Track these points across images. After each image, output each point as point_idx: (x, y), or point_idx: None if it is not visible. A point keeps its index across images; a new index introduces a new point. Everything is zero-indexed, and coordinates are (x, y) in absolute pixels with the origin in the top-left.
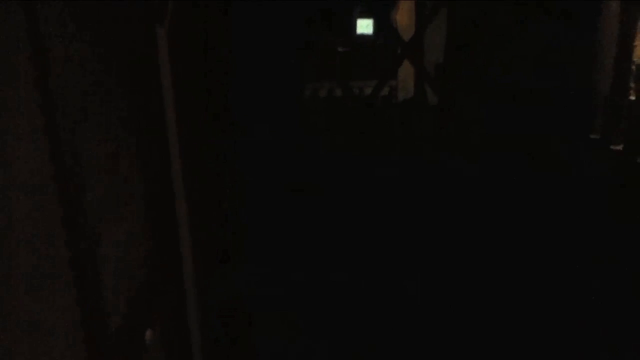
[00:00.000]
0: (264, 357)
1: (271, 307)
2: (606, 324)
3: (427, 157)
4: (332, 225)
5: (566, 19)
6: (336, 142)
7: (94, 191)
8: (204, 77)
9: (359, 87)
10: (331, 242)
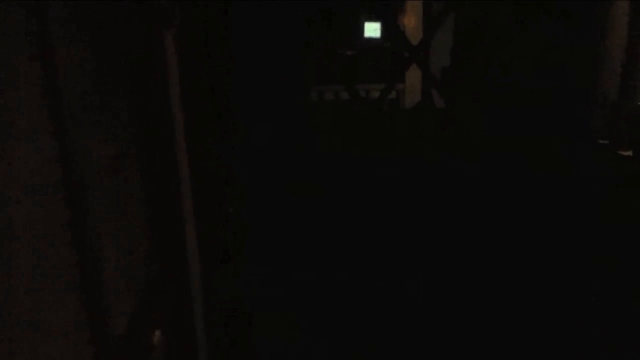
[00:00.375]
0: (264, 357)
1: (271, 307)
2: (606, 324)
3: (427, 157)
4: (332, 225)
5: (566, 19)
6: (336, 142)
7: (100, 192)
8: (206, 78)
9: (365, 90)
10: (332, 242)
